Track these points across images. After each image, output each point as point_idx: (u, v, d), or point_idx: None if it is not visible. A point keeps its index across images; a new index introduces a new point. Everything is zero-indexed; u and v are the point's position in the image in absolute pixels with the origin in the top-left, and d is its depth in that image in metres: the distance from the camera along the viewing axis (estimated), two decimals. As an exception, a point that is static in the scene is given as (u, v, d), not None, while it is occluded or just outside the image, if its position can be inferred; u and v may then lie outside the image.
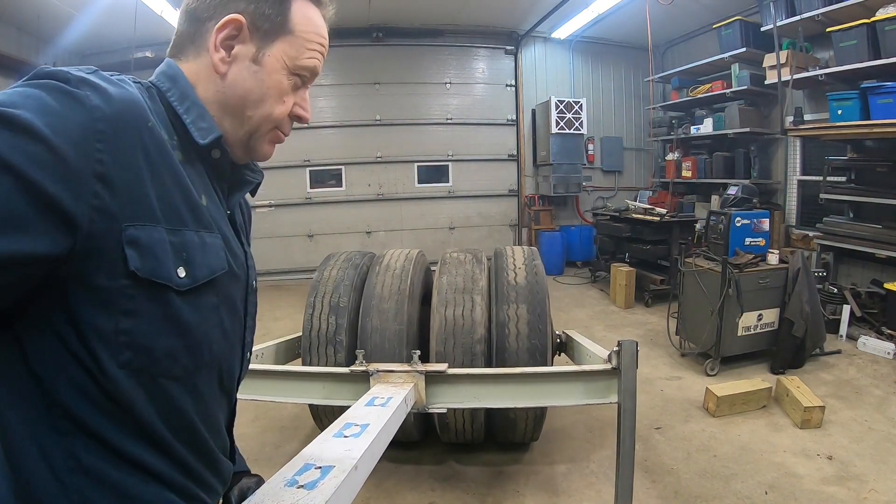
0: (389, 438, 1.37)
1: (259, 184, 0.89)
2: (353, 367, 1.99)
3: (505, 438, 2.74)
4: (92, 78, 0.59)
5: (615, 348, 1.84)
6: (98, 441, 0.59)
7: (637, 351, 1.84)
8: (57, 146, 0.52)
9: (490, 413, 2.55)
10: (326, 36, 0.81)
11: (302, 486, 0.88)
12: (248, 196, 0.90)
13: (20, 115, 0.51)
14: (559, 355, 2.82)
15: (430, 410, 1.92)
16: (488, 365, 2.42)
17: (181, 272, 0.63)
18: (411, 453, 2.87)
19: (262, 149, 0.82)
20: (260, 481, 0.93)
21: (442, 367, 1.94)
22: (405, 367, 1.94)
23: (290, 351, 2.90)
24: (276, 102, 0.77)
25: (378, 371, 1.92)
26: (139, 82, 0.69)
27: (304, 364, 2.64)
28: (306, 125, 4.75)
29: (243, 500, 0.87)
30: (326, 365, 2.52)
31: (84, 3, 5.54)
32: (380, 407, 1.50)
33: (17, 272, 0.52)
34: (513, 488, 2.57)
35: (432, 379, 1.90)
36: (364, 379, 1.93)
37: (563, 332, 2.80)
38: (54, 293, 0.56)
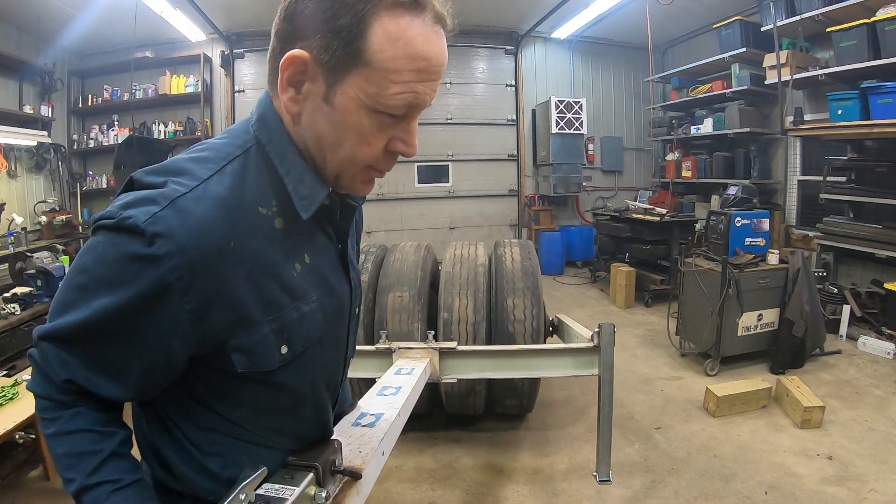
0: (417, 396, 1.68)
1: (360, 206, 0.89)
2: (377, 346, 2.26)
3: (503, 409, 3.06)
4: (166, 214, 0.60)
5: (596, 330, 2.16)
6: (223, 434, 0.76)
7: (614, 332, 2.16)
8: (145, 314, 0.63)
9: (491, 386, 2.88)
10: (435, 53, 0.67)
11: (365, 426, 1.15)
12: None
13: (103, 306, 0.62)
14: (552, 337, 3.06)
15: (444, 380, 2.21)
16: (488, 342, 2.75)
17: (283, 349, 0.72)
18: (412, 453, 2.87)
19: (354, 188, 0.75)
20: (353, 404, 1.20)
21: (452, 344, 2.23)
22: (422, 344, 2.23)
23: None
24: (357, 145, 0.68)
25: (399, 348, 2.21)
26: (238, 146, 0.69)
27: None
28: None
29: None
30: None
31: (84, 3, 5.53)
32: (406, 375, 1.79)
33: (169, 365, 0.68)
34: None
35: (445, 354, 2.19)
36: (387, 355, 2.21)
37: (556, 317, 3.04)
38: (194, 374, 0.71)
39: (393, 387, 1.58)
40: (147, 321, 0.63)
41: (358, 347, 2.50)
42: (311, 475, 0.78)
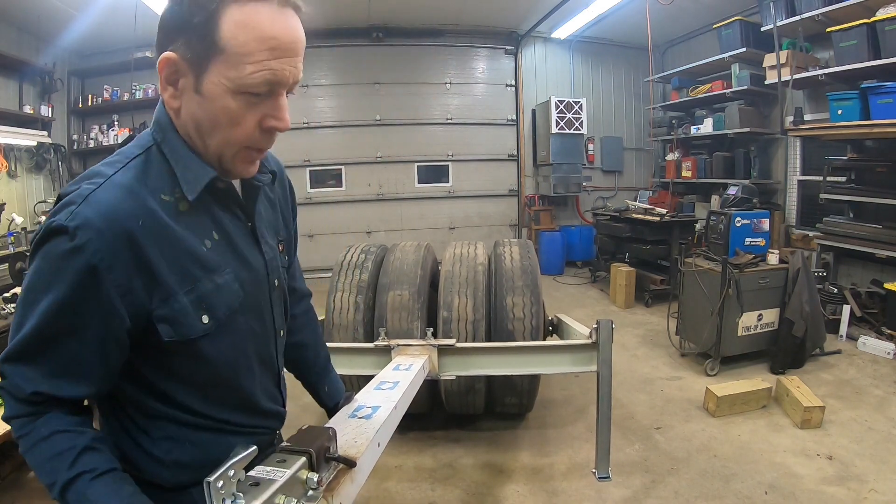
0: (415, 391, 1.70)
1: (271, 180, 0.99)
2: (376, 343, 2.28)
3: (503, 408, 3.07)
4: (81, 209, 0.68)
5: (594, 326, 2.16)
6: (169, 420, 0.82)
7: (612, 329, 2.15)
8: (83, 301, 0.70)
9: (491, 384, 2.88)
10: (284, 31, 0.72)
11: (361, 418, 1.18)
12: (287, 178, 1.06)
13: (47, 303, 0.70)
14: (552, 336, 3.08)
15: (442, 377, 2.21)
16: (488, 340, 2.76)
17: (205, 319, 0.79)
18: (412, 453, 2.87)
19: (236, 170, 0.83)
20: (349, 396, 1.28)
21: (451, 341, 2.24)
22: (420, 341, 2.25)
23: None
24: (230, 127, 0.76)
25: (398, 345, 2.22)
26: (140, 146, 0.79)
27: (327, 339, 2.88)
28: (306, 125, 4.83)
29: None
30: (348, 340, 2.83)
31: (84, 3, 5.53)
32: (405, 371, 1.81)
33: (116, 344, 0.75)
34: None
35: (444, 351, 2.19)
36: (386, 352, 2.22)
37: (556, 316, 3.07)
38: (134, 357, 0.78)
39: (391, 381, 1.60)
40: (87, 307, 0.70)
41: (357, 345, 2.53)
42: (304, 459, 0.80)
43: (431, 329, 2.42)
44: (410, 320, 2.75)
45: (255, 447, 0.71)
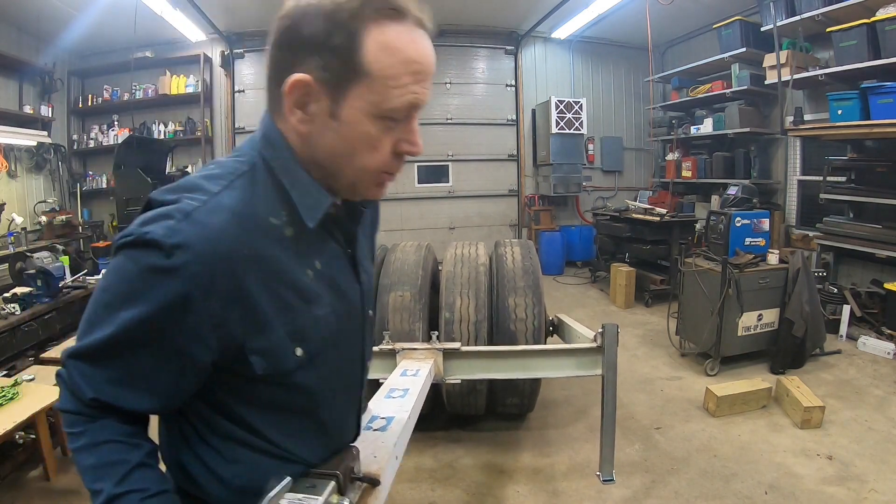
0: (424, 398, 1.72)
1: (372, 209, 0.96)
2: (381, 346, 2.27)
3: (504, 408, 3.08)
4: (182, 226, 0.64)
5: (599, 330, 2.16)
6: (242, 444, 0.78)
7: (617, 333, 2.16)
8: (169, 327, 0.67)
9: (493, 385, 2.88)
10: (424, 55, 0.69)
11: (377, 430, 1.19)
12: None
13: (129, 318, 0.66)
14: (552, 336, 3.08)
15: (448, 381, 2.20)
16: (490, 341, 2.77)
17: (298, 352, 0.75)
18: (412, 453, 2.87)
19: (369, 194, 0.79)
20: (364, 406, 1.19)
21: (456, 345, 2.24)
22: (426, 345, 2.24)
23: None
24: (367, 153, 0.72)
25: (403, 349, 2.21)
26: (245, 162, 0.73)
27: None
28: None
29: None
30: None
31: (84, 3, 5.53)
32: (412, 377, 1.82)
33: (194, 370, 0.71)
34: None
35: (449, 355, 2.19)
36: (391, 356, 2.21)
37: (556, 316, 3.07)
38: (215, 380, 0.74)
39: (400, 389, 1.61)
40: (171, 330, 0.66)
41: None
42: (333, 484, 0.79)
43: (436, 332, 2.42)
44: (412, 321, 2.75)
45: (289, 479, 0.71)
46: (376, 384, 1.75)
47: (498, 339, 2.77)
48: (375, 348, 2.29)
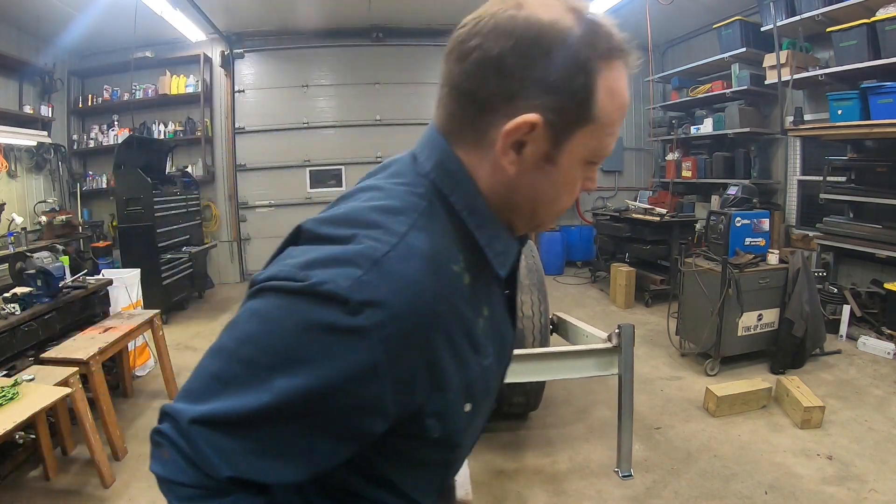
0: None
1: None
2: None
3: (510, 408, 3.11)
4: (372, 279, 0.52)
5: (616, 330, 2.20)
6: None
7: (633, 333, 2.22)
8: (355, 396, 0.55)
9: (502, 387, 2.86)
10: (627, 95, 0.64)
11: None
12: None
13: (315, 384, 0.53)
14: (552, 335, 3.11)
15: None
16: None
17: (467, 407, 0.65)
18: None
19: (546, 228, 0.76)
20: None
21: None
22: None
23: None
24: (568, 196, 0.67)
25: None
26: (422, 195, 0.61)
27: None
28: (306, 125, 4.83)
29: None
30: None
31: (84, 3, 5.53)
32: None
33: (359, 441, 0.59)
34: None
35: None
36: None
37: (555, 315, 3.11)
38: (374, 446, 0.62)
39: None
40: (347, 402, 0.54)
41: None
42: None
43: None
44: None
45: None
46: None
47: None
48: None
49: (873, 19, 4.26)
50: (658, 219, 5.73)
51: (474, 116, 0.61)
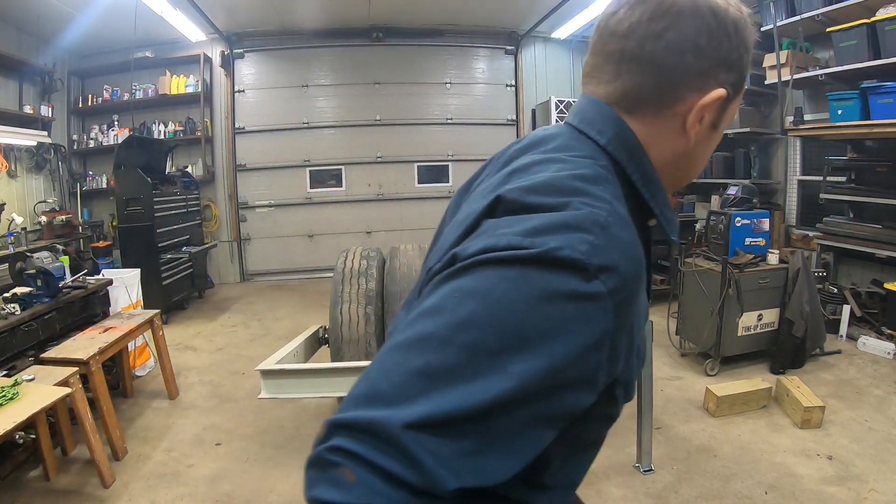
0: None
1: None
2: None
3: None
4: (603, 243, 0.50)
5: None
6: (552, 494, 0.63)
7: (652, 329, 2.28)
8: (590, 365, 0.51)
9: None
10: None
11: None
12: None
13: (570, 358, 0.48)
14: None
15: None
16: None
17: (638, 372, 0.65)
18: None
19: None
20: None
21: None
22: None
23: (313, 344, 3.17)
24: (706, 161, 0.74)
25: None
26: (605, 166, 0.62)
27: (332, 355, 2.85)
28: (306, 125, 4.80)
29: None
30: (360, 354, 2.74)
31: (84, 3, 5.53)
32: None
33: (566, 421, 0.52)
34: None
35: None
36: None
37: None
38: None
39: None
40: (574, 375, 0.49)
41: None
42: None
43: None
44: None
45: None
46: None
47: None
48: None
49: (873, 19, 4.26)
50: (658, 219, 5.72)
51: (664, 91, 0.64)
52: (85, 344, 2.97)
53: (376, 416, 0.45)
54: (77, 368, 2.66)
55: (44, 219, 5.88)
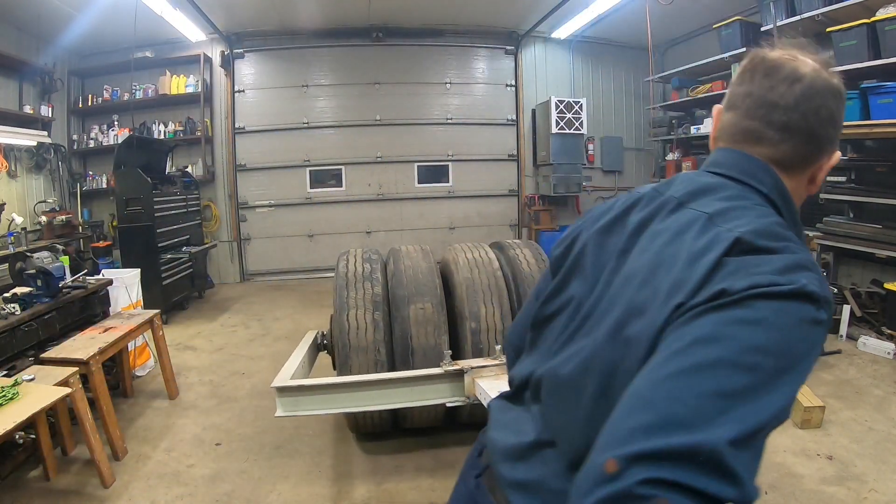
0: None
1: None
2: (445, 367, 2.23)
3: None
4: (818, 279, 0.63)
5: None
6: None
7: None
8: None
9: None
10: None
11: None
12: None
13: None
14: None
15: None
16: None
17: None
18: (412, 453, 2.88)
19: None
20: None
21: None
22: (495, 360, 2.27)
23: (313, 352, 3.06)
24: None
25: (472, 368, 2.17)
26: (773, 213, 0.76)
27: (339, 364, 2.69)
28: (306, 125, 4.81)
29: None
30: (369, 362, 2.61)
31: (84, 3, 5.53)
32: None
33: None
34: None
35: None
36: (459, 377, 2.17)
37: None
38: None
39: None
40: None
41: (424, 371, 2.37)
42: None
43: (499, 346, 2.38)
44: (437, 334, 2.58)
45: None
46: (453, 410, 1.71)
47: None
48: (439, 370, 2.24)
49: (873, 19, 4.26)
50: (658, 219, 5.72)
51: (814, 156, 0.80)
52: (85, 344, 2.97)
53: (694, 441, 0.48)
54: (77, 368, 2.65)
55: (44, 219, 5.88)
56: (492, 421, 0.92)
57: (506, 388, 1.66)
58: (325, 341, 3.11)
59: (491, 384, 1.97)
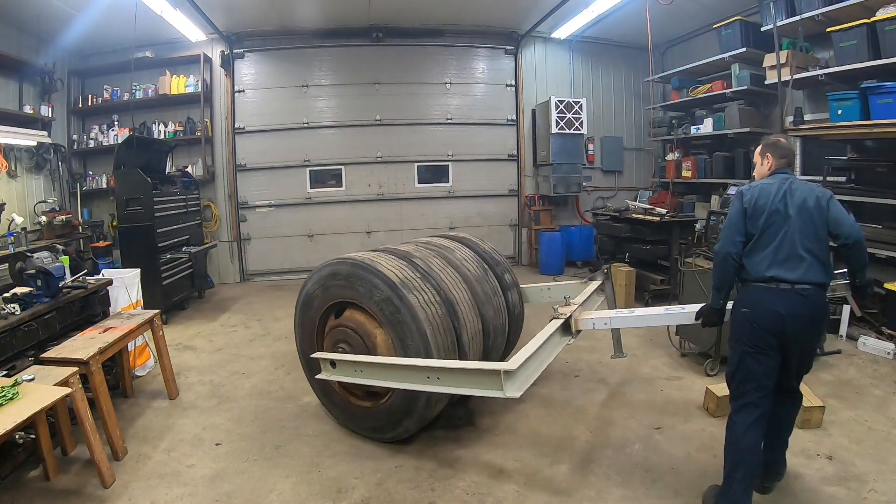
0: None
1: None
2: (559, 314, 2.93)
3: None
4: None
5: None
6: None
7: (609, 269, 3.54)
8: None
9: None
10: None
11: None
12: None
13: None
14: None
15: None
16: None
17: None
18: (412, 453, 2.88)
19: None
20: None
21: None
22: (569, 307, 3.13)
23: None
24: None
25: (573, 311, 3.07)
26: None
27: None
28: (306, 125, 4.91)
29: None
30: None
31: (84, 3, 5.54)
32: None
33: None
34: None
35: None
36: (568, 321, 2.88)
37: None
38: None
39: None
40: None
41: (547, 328, 2.76)
42: None
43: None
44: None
45: None
46: None
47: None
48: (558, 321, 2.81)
49: (873, 19, 4.26)
50: (658, 219, 5.73)
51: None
52: (85, 344, 2.97)
53: (861, 235, 2.52)
54: (77, 368, 2.65)
55: (44, 219, 5.88)
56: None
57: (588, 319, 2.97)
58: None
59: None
